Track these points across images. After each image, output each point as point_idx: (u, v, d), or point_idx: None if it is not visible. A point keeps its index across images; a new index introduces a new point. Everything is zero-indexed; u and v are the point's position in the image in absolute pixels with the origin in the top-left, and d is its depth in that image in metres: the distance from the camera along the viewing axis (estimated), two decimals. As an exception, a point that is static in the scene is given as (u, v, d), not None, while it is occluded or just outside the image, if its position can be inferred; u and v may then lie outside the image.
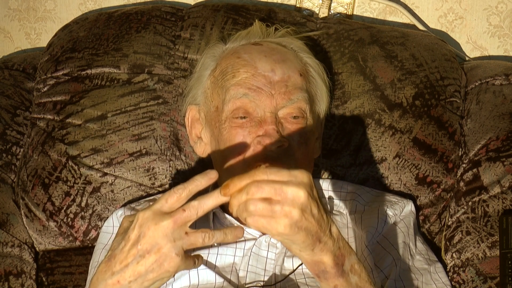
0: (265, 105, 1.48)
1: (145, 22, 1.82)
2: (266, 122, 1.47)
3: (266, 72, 1.50)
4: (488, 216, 1.64)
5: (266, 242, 1.46)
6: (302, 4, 2.00)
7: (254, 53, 1.53)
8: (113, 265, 1.20)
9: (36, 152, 1.75)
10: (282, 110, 1.49)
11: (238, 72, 1.51)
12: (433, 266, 1.54)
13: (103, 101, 1.76)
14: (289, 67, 1.52)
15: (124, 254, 1.19)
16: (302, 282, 1.43)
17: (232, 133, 1.48)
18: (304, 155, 1.49)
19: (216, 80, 1.55)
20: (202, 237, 1.18)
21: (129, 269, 1.19)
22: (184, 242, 1.17)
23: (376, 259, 1.50)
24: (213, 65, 1.58)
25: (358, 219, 1.55)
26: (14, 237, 1.70)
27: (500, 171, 1.67)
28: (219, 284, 1.42)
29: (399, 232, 1.54)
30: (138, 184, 1.72)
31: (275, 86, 1.49)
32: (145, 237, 1.18)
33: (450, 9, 2.01)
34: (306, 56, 1.59)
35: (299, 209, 1.15)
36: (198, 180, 1.19)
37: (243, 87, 1.49)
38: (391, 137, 1.72)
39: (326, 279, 1.22)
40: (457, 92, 1.76)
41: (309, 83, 1.55)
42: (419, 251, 1.55)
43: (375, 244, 1.51)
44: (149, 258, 1.18)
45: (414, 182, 1.70)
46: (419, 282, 1.48)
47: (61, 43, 1.84)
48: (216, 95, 1.54)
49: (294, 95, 1.49)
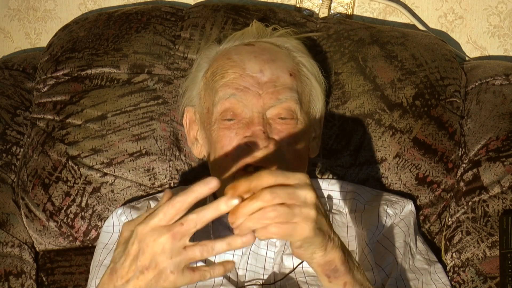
0: (253, 104, 1.48)
1: (145, 22, 1.82)
2: (254, 123, 1.46)
3: (254, 73, 1.50)
4: (488, 216, 1.64)
5: (265, 241, 1.46)
6: (302, 4, 2.00)
7: (244, 54, 1.53)
8: (115, 280, 1.19)
9: (36, 152, 1.75)
10: (270, 110, 1.48)
11: (226, 73, 1.51)
12: (433, 266, 1.54)
13: (103, 101, 1.76)
14: (279, 66, 1.52)
15: (125, 269, 1.18)
16: (302, 280, 1.43)
17: (220, 135, 1.48)
18: (295, 156, 1.48)
19: (208, 81, 1.55)
20: (200, 251, 1.14)
21: (130, 285, 1.18)
22: (182, 258, 1.14)
23: (377, 258, 1.50)
24: (206, 66, 1.59)
25: (358, 218, 1.56)
26: (14, 237, 1.70)
27: (500, 171, 1.67)
28: (218, 282, 1.42)
29: (400, 232, 1.54)
30: (138, 184, 1.72)
31: (263, 86, 1.49)
32: (144, 253, 1.16)
33: (450, 9, 2.01)
34: (300, 55, 1.58)
35: (315, 209, 1.15)
36: (198, 191, 1.14)
37: (230, 87, 1.49)
38: (391, 137, 1.72)
39: (336, 277, 1.23)
40: (457, 92, 1.76)
41: (300, 83, 1.55)
42: (419, 251, 1.55)
43: (376, 243, 1.52)
44: (148, 275, 1.16)
45: (414, 182, 1.70)
46: (419, 282, 1.48)
47: (61, 43, 1.84)
48: (208, 96, 1.54)
49: (282, 94, 1.49)
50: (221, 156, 1.47)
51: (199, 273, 1.15)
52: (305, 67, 1.57)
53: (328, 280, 1.23)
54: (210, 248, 1.14)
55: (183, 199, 1.14)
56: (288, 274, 1.43)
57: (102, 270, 1.47)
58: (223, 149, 1.48)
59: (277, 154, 1.45)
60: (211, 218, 1.14)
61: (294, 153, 1.48)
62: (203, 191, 1.13)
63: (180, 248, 1.14)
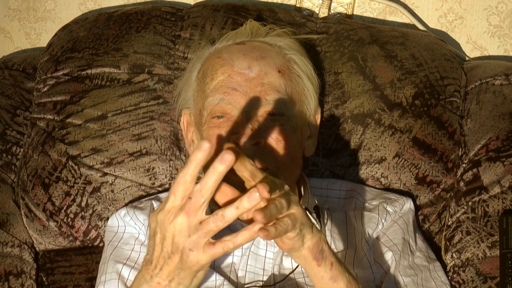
0: (240, 105, 1.48)
1: (145, 22, 1.82)
2: (242, 121, 1.47)
3: (242, 70, 1.50)
4: (488, 216, 1.64)
5: (264, 241, 1.46)
6: (302, 4, 2.00)
7: (234, 52, 1.53)
8: (151, 270, 1.21)
9: (36, 152, 1.75)
10: (258, 110, 1.49)
11: (216, 74, 1.51)
12: (432, 264, 1.54)
13: (103, 101, 1.76)
14: (267, 63, 1.52)
15: (156, 259, 1.20)
16: (301, 281, 1.43)
17: (210, 134, 1.49)
18: (285, 153, 1.48)
19: (200, 82, 1.56)
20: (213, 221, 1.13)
21: (164, 271, 1.19)
22: (199, 234, 1.15)
23: (376, 255, 1.50)
24: (198, 66, 1.59)
25: (358, 215, 1.56)
26: (14, 237, 1.70)
27: (500, 171, 1.67)
28: (219, 282, 1.42)
29: (399, 229, 1.54)
30: (138, 184, 1.73)
31: (251, 83, 1.49)
32: (166, 239, 1.17)
33: (450, 9, 2.01)
34: (292, 53, 1.58)
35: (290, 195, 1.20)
36: (195, 159, 1.13)
37: (219, 92, 1.49)
38: (390, 137, 1.72)
39: (324, 258, 1.24)
40: (457, 92, 1.76)
41: (290, 81, 1.54)
42: (419, 248, 1.55)
43: (375, 240, 1.52)
44: (174, 258, 1.18)
45: (414, 182, 1.70)
46: (419, 278, 1.48)
47: (61, 43, 1.84)
48: (199, 98, 1.55)
49: (270, 96, 1.49)
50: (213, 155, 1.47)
51: (220, 245, 1.15)
52: (296, 64, 1.56)
53: (317, 264, 1.24)
54: (221, 216, 1.13)
55: (184, 172, 1.14)
56: (288, 275, 1.43)
57: (110, 265, 1.48)
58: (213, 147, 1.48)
59: (265, 151, 1.45)
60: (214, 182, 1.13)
61: (283, 150, 1.47)
62: (200, 157, 1.13)
63: (197, 224, 1.14)
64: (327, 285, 1.25)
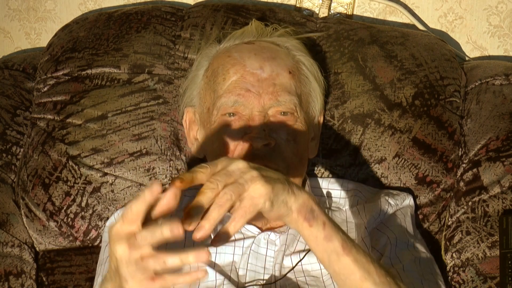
0: (253, 105, 1.49)
1: (145, 22, 1.82)
2: (254, 121, 1.48)
3: (254, 70, 1.51)
4: (488, 216, 1.64)
5: (265, 240, 1.47)
6: (302, 4, 2.00)
7: (245, 52, 1.54)
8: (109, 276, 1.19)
9: (36, 152, 1.75)
10: (270, 110, 1.50)
11: (228, 73, 1.52)
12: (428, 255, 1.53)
13: (104, 101, 1.76)
14: (278, 64, 1.53)
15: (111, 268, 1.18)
16: (302, 280, 1.44)
17: (221, 132, 1.49)
18: (294, 154, 1.49)
19: (209, 81, 1.56)
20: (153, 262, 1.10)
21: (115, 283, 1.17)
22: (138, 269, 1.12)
23: (373, 242, 1.51)
24: (206, 64, 1.60)
25: (361, 209, 1.56)
26: (14, 237, 1.70)
27: (500, 171, 1.67)
28: (219, 282, 1.42)
29: (396, 218, 1.55)
30: (138, 184, 1.73)
31: (263, 84, 1.50)
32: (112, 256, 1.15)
33: (450, 9, 2.01)
34: (300, 54, 1.59)
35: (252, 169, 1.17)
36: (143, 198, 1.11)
37: (233, 93, 1.50)
38: (390, 137, 1.72)
39: (315, 218, 1.22)
40: (456, 92, 1.77)
41: (299, 82, 1.56)
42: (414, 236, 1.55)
43: (373, 229, 1.53)
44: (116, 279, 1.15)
45: (414, 182, 1.71)
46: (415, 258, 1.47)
47: (61, 43, 1.84)
48: (209, 96, 1.55)
49: (282, 97, 1.50)
50: (223, 154, 1.48)
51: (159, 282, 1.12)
52: (304, 66, 1.58)
53: (309, 224, 1.22)
54: (162, 261, 1.11)
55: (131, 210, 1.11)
56: (287, 272, 1.43)
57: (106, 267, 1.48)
58: (224, 146, 1.48)
59: (276, 151, 1.46)
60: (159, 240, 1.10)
61: (293, 150, 1.49)
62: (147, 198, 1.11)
63: (138, 259, 1.11)
64: (322, 246, 1.23)
